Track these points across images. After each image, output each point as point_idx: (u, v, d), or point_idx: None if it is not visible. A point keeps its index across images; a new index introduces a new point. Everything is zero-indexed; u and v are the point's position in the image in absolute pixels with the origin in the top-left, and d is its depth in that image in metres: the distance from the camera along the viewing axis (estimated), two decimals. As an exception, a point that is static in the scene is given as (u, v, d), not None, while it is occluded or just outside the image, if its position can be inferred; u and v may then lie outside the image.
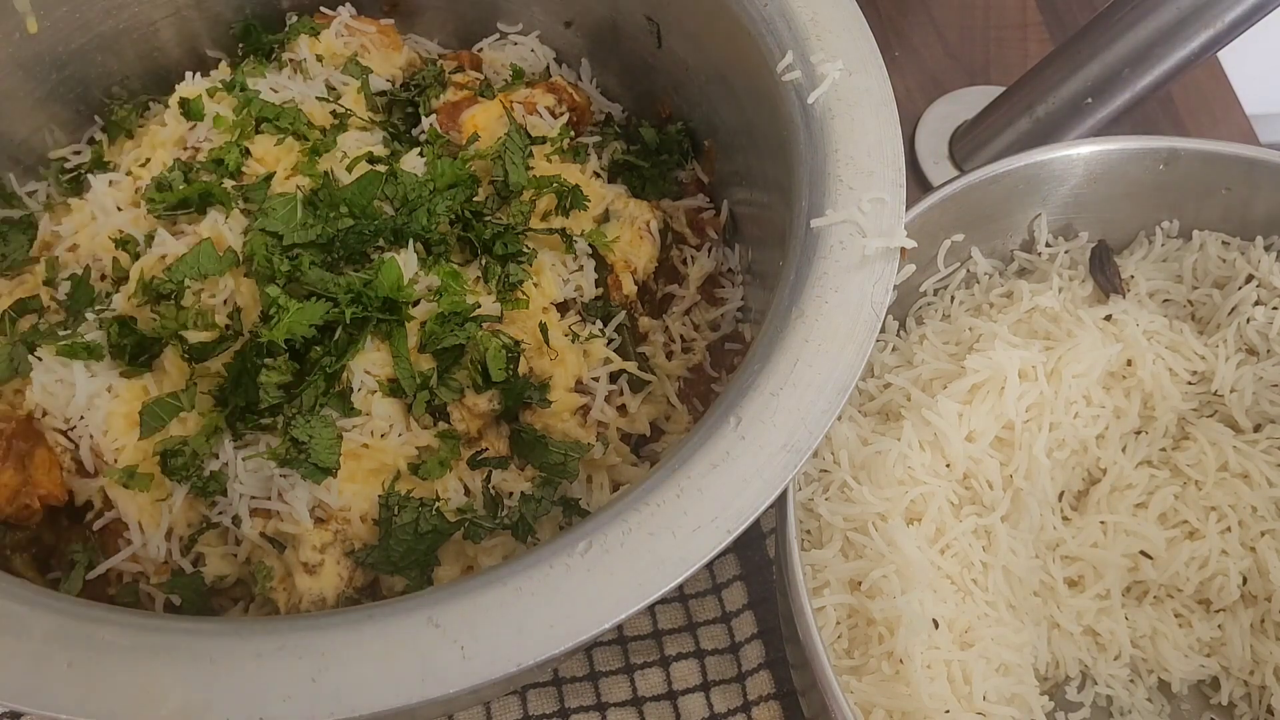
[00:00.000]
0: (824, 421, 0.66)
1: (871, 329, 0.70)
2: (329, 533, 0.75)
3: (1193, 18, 0.98)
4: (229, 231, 0.82)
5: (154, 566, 0.77)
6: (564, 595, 0.60)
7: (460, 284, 0.81)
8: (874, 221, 0.74)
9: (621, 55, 1.07)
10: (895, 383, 0.92)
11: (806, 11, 0.84)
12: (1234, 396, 0.95)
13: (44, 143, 1.00)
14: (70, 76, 0.99)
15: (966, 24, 1.42)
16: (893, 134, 0.78)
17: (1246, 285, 0.96)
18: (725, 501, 0.63)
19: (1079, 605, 0.92)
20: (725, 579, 0.97)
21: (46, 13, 0.94)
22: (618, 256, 0.93)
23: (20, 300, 0.86)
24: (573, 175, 0.95)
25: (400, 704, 0.56)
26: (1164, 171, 0.96)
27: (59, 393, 0.78)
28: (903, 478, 0.86)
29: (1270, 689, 0.91)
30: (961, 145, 1.28)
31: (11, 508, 0.76)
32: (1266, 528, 0.92)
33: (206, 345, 0.78)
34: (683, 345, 0.97)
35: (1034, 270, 1.02)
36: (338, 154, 0.89)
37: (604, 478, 0.86)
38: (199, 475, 0.75)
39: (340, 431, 0.76)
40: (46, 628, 0.59)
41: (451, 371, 0.80)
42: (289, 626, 0.59)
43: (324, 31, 1.01)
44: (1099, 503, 0.94)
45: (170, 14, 1.02)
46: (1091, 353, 0.91)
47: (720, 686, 0.93)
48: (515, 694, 0.92)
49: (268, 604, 0.78)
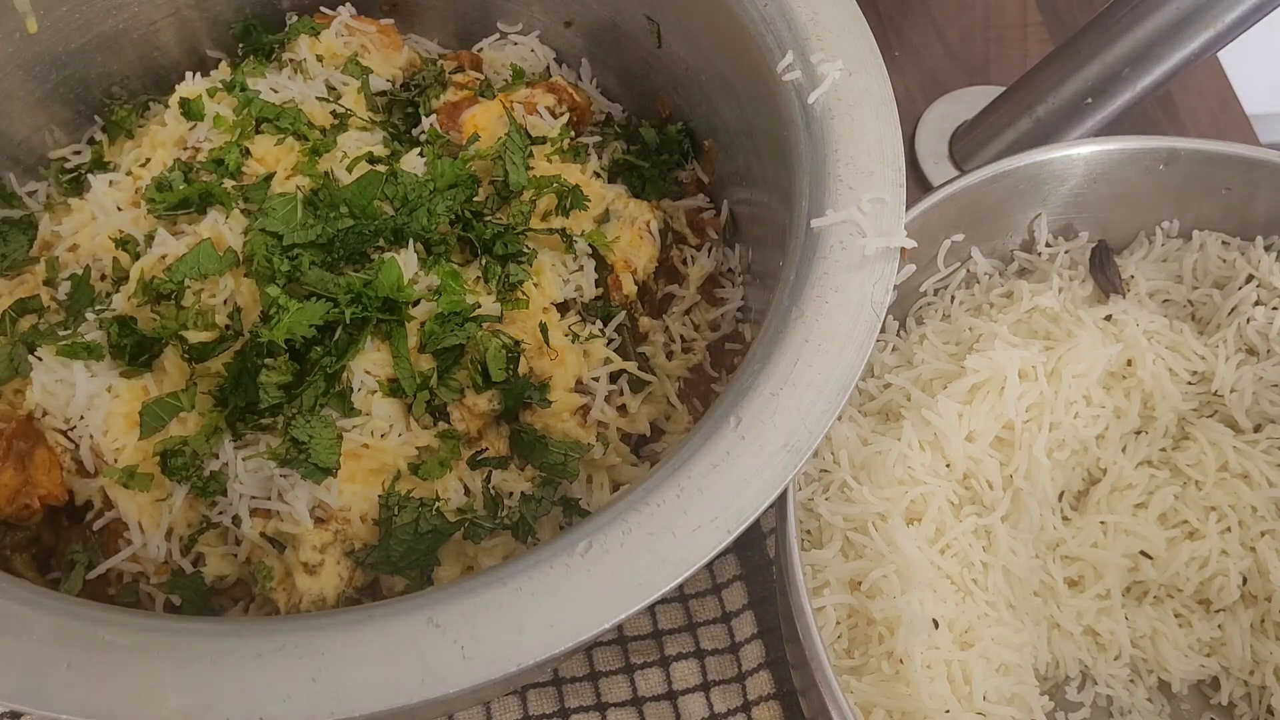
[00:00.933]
0: (824, 421, 0.66)
1: (871, 329, 0.70)
2: (329, 533, 0.75)
3: (1193, 18, 0.98)
4: (229, 231, 0.82)
5: (154, 566, 0.77)
6: (564, 595, 0.60)
7: (460, 284, 0.81)
8: (874, 221, 0.74)
9: (621, 55, 1.07)
10: (895, 383, 0.92)
11: (806, 11, 0.84)
12: (1234, 396, 0.95)
13: (44, 143, 1.00)
14: (70, 76, 0.99)
15: (966, 24, 1.42)
16: (893, 134, 0.78)
17: (1246, 285, 0.96)
18: (725, 501, 0.63)
19: (1079, 605, 0.92)
20: (725, 579, 0.97)
21: (46, 13, 0.94)
22: (618, 256, 0.93)
23: (20, 300, 0.86)
24: (573, 175, 0.95)
25: (400, 704, 0.56)
26: (1164, 171, 0.96)
27: (59, 393, 0.78)
28: (903, 478, 0.86)
29: (1270, 689, 0.91)
30: (961, 145, 1.28)
31: (11, 508, 0.76)
32: (1266, 528, 0.92)
33: (206, 345, 0.78)
34: (683, 345, 0.97)
35: (1034, 270, 1.02)
36: (338, 154, 0.89)
37: (604, 478, 0.86)
38: (199, 475, 0.75)
39: (340, 431, 0.76)
40: (46, 628, 0.59)
41: (451, 371, 0.80)
42: (289, 626, 0.59)
43: (324, 31, 1.01)
44: (1099, 503, 0.94)
45: (170, 14, 1.02)
46: (1091, 353, 0.91)
47: (720, 686, 0.93)
48: (515, 694, 0.92)
49: (268, 604, 0.78)
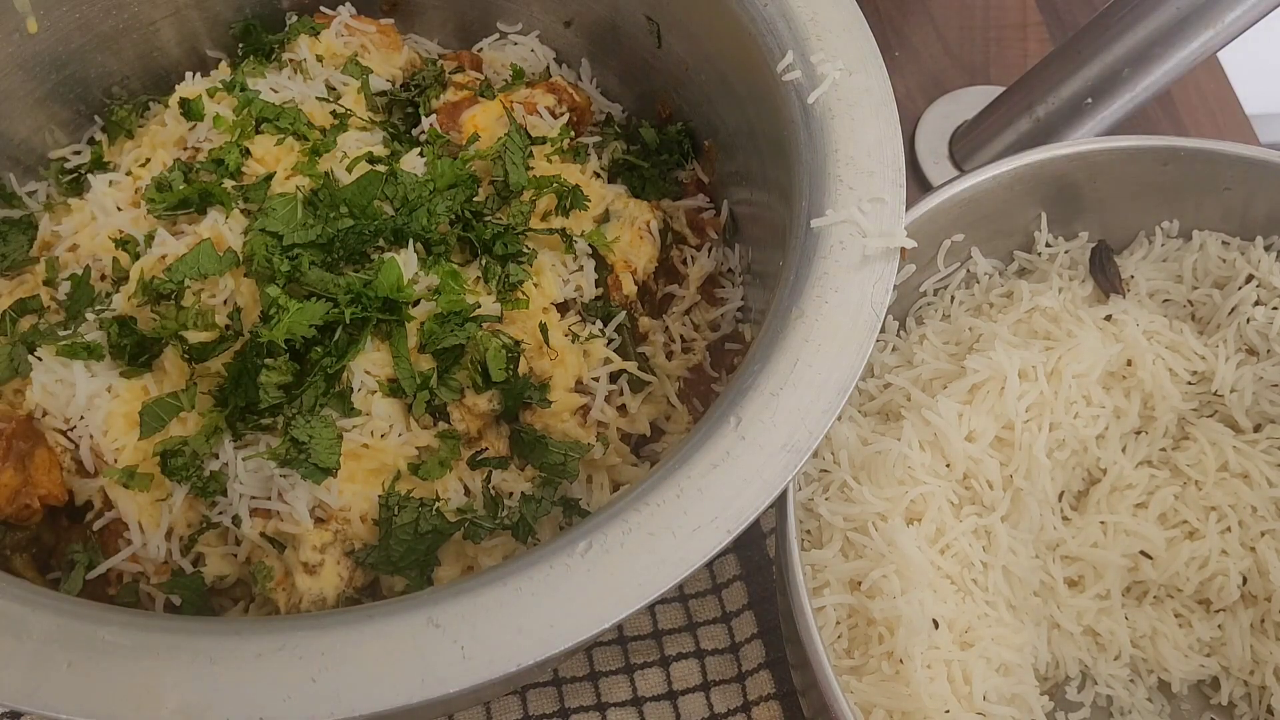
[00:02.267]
0: (824, 421, 0.66)
1: (871, 329, 0.70)
2: (329, 533, 0.75)
3: (1193, 18, 0.98)
4: (229, 231, 0.82)
5: (154, 566, 0.77)
6: (564, 595, 0.60)
7: (460, 284, 0.81)
8: (874, 221, 0.74)
9: (621, 55, 1.07)
10: (895, 383, 0.92)
11: (806, 11, 0.84)
12: (1234, 396, 0.95)
13: (44, 143, 1.00)
14: (70, 76, 0.99)
15: (966, 24, 1.42)
16: (893, 134, 0.78)
17: (1246, 285, 0.96)
18: (725, 501, 0.64)
19: (1079, 605, 0.92)
20: (725, 579, 0.97)
21: (46, 13, 0.94)
22: (618, 256, 0.93)
23: (20, 300, 0.86)
24: (573, 175, 0.95)
25: (400, 704, 0.56)
26: (1164, 171, 0.96)
27: (59, 393, 0.78)
28: (903, 478, 0.86)
29: (1270, 689, 0.91)
30: (961, 145, 1.28)
31: (11, 508, 0.76)
32: (1266, 528, 0.92)
33: (206, 345, 0.78)
34: (683, 345, 0.97)
35: (1034, 270, 1.02)
36: (338, 154, 0.89)
37: (604, 478, 0.86)
38: (199, 475, 0.75)
39: (340, 431, 0.76)
40: (46, 628, 0.59)
41: (451, 371, 0.80)
42: (289, 626, 0.59)
43: (324, 31, 1.01)
44: (1099, 503, 0.94)
45: (170, 14, 1.02)
46: (1091, 353, 0.91)
47: (720, 686, 0.93)
48: (515, 694, 0.92)
49: (268, 604, 0.78)
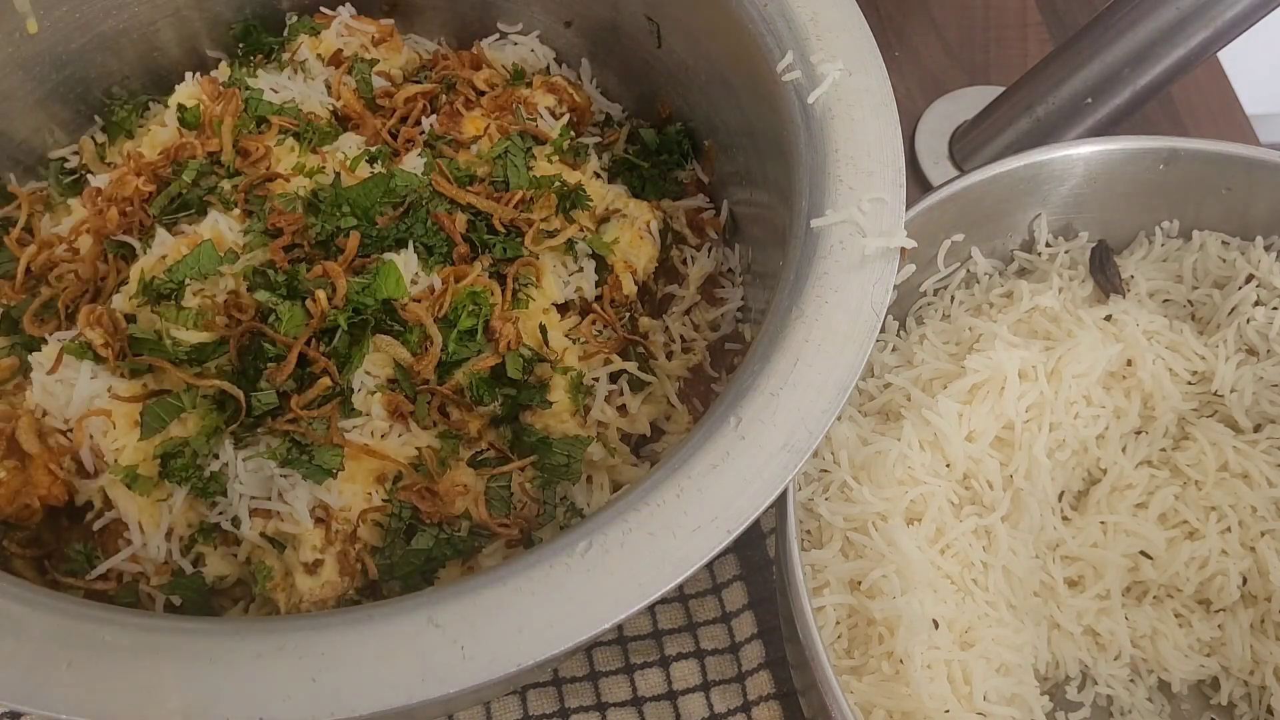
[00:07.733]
0: (824, 421, 0.66)
1: (871, 329, 0.70)
2: (329, 533, 0.75)
3: (1193, 18, 0.98)
4: (229, 231, 0.82)
5: (154, 567, 0.77)
6: (564, 595, 0.60)
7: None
8: (874, 221, 0.74)
9: (621, 55, 1.07)
10: (895, 383, 0.92)
11: (806, 11, 0.84)
12: (1234, 396, 0.95)
13: (44, 143, 1.00)
14: (70, 76, 0.99)
15: (966, 24, 1.42)
16: (893, 134, 0.78)
17: (1246, 285, 0.96)
18: (725, 501, 0.63)
19: (1079, 605, 0.92)
20: (725, 579, 0.97)
21: (46, 13, 0.94)
22: (618, 257, 0.93)
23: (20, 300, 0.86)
24: (572, 176, 0.95)
25: (400, 704, 0.56)
26: (1164, 171, 0.96)
27: (59, 393, 0.78)
28: (903, 478, 0.86)
29: (1270, 689, 0.91)
30: (961, 145, 1.28)
31: (11, 508, 0.76)
32: (1266, 528, 0.92)
33: (206, 345, 0.78)
34: (683, 345, 0.97)
35: (1034, 270, 1.02)
36: (338, 154, 0.89)
37: (604, 478, 0.86)
38: (199, 476, 0.76)
39: (341, 432, 0.76)
40: (46, 628, 0.59)
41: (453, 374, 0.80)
42: (289, 626, 0.59)
43: (324, 31, 1.01)
44: (1099, 503, 0.94)
45: (170, 14, 1.02)
46: (1091, 353, 0.91)
47: (720, 686, 0.93)
48: (515, 694, 0.92)
49: (268, 604, 0.78)
